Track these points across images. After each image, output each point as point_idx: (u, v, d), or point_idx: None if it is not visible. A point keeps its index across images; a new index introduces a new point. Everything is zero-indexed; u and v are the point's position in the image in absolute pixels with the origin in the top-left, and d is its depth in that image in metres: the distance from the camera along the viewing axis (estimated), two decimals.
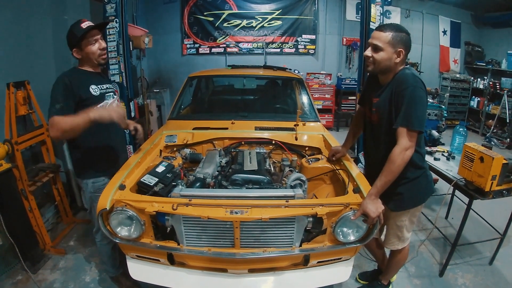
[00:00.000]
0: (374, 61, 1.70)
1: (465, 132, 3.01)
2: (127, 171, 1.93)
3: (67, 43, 1.94)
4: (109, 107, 1.96)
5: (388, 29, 1.66)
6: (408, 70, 1.72)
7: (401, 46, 1.66)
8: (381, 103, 1.78)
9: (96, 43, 1.96)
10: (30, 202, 2.64)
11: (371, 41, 1.70)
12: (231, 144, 2.62)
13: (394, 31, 1.65)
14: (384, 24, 1.70)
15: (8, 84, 2.58)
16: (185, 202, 1.63)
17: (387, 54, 1.66)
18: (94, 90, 1.99)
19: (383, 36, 1.65)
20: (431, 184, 1.97)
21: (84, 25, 1.88)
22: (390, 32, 1.64)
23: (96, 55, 1.97)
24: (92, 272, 2.61)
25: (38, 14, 3.28)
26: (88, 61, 2.00)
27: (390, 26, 1.68)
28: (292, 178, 2.04)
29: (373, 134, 1.94)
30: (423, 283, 2.53)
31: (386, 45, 1.65)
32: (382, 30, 1.67)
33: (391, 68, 1.72)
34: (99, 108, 1.84)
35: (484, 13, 7.51)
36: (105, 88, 2.10)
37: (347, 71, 7.47)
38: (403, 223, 1.98)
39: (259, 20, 7.03)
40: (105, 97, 2.08)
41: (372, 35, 1.71)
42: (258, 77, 3.99)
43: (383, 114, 1.77)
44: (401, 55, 1.67)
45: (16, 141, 2.51)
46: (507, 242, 2.87)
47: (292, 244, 1.72)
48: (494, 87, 6.89)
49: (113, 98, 2.17)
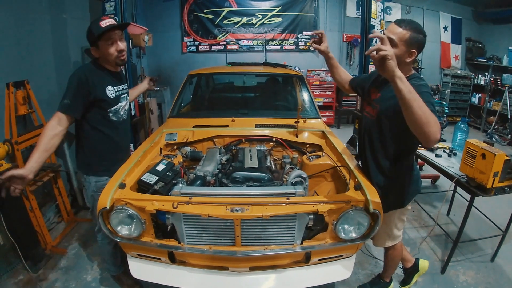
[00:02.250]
0: None
1: (467, 129, 2.99)
2: (127, 169, 1.92)
3: (87, 39, 1.90)
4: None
5: (407, 27, 1.57)
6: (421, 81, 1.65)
7: (415, 47, 1.59)
8: (384, 100, 1.74)
9: (114, 44, 1.91)
10: (31, 202, 2.63)
11: (387, 34, 1.59)
12: (232, 141, 2.61)
13: (413, 31, 1.57)
14: (405, 20, 1.60)
15: (7, 84, 2.57)
16: (186, 200, 1.62)
17: (400, 52, 1.58)
18: (110, 92, 1.98)
19: (401, 32, 1.57)
20: (417, 183, 1.93)
21: (103, 24, 1.83)
22: (409, 31, 1.56)
23: (113, 56, 1.93)
24: (93, 271, 2.61)
25: (37, 13, 3.26)
26: (106, 61, 1.98)
27: (410, 23, 1.59)
28: (293, 175, 2.04)
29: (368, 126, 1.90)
30: (425, 280, 2.53)
31: (401, 43, 1.57)
32: (401, 26, 1.58)
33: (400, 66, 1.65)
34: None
35: (485, 9, 7.47)
36: (120, 90, 2.09)
37: (348, 68, 7.42)
38: (391, 223, 1.98)
39: (259, 17, 7.00)
40: (120, 99, 2.08)
41: (389, 28, 1.61)
42: (259, 74, 3.98)
43: (385, 111, 1.72)
44: (413, 56, 1.62)
45: (16, 141, 2.50)
46: (509, 239, 2.86)
47: (293, 241, 1.71)
48: (495, 83, 6.85)
49: (126, 100, 2.18)
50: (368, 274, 2.59)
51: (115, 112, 2.04)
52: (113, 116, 2.03)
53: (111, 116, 2.02)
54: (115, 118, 2.05)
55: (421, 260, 2.44)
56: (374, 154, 1.86)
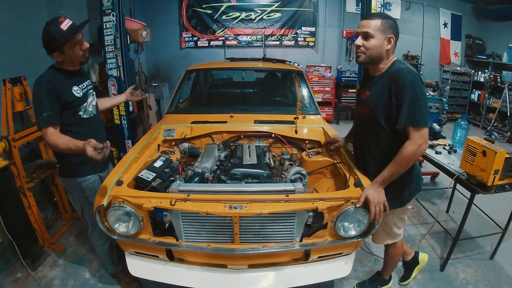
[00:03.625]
0: (365, 49, 1.67)
1: (467, 126, 2.98)
2: (124, 166, 1.90)
3: (44, 45, 1.78)
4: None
5: (375, 17, 1.65)
6: (403, 64, 1.68)
7: (391, 32, 1.64)
8: (373, 98, 1.73)
9: (79, 44, 1.84)
10: (29, 199, 2.62)
11: (360, 30, 1.67)
12: (230, 137, 2.59)
13: (382, 18, 1.64)
14: (370, 13, 1.69)
15: (4, 80, 2.54)
16: (183, 198, 1.61)
17: (378, 41, 1.63)
18: (77, 92, 1.93)
19: (372, 23, 1.63)
20: (417, 182, 1.90)
21: (64, 26, 1.74)
22: (378, 19, 1.63)
23: (79, 56, 1.88)
24: (91, 269, 2.60)
25: (33, 9, 3.23)
26: (69, 62, 1.90)
27: (377, 14, 1.67)
28: (292, 172, 2.02)
29: (361, 128, 1.91)
30: (424, 278, 2.52)
31: (377, 32, 1.63)
32: (370, 18, 1.65)
33: (383, 56, 1.68)
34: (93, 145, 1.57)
35: (485, 6, 7.43)
36: (85, 87, 2.03)
37: (347, 64, 7.42)
38: (390, 221, 1.96)
39: (258, 13, 6.95)
40: (87, 96, 2.04)
41: (361, 24, 1.68)
42: (257, 70, 3.96)
43: (376, 109, 1.71)
44: (392, 41, 1.66)
45: (13, 138, 2.48)
46: (508, 236, 2.86)
47: (293, 239, 1.70)
48: (495, 81, 6.83)
49: (93, 95, 2.11)
50: (368, 271, 2.59)
51: (85, 110, 2.00)
52: (84, 114, 1.99)
53: (82, 115, 1.98)
54: (86, 115, 2.01)
55: (421, 253, 2.45)
56: (370, 154, 1.84)
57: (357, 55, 1.72)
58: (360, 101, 1.87)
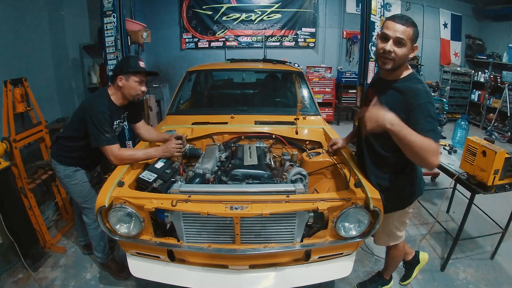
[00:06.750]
0: (396, 56, 1.53)
1: (467, 126, 2.98)
2: (126, 167, 1.91)
3: (117, 67, 2.08)
4: (168, 148, 2.12)
5: (409, 24, 1.51)
6: (419, 83, 1.59)
7: (415, 42, 1.55)
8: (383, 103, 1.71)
9: (141, 84, 2.09)
10: (30, 200, 2.62)
11: (393, 35, 1.50)
12: (231, 138, 2.60)
13: (414, 26, 1.52)
14: (401, 16, 1.55)
15: (5, 81, 2.55)
16: (185, 198, 1.61)
17: (408, 50, 1.53)
18: (115, 126, 2.14)
19: (406, 30, 1.49)
20: (419, 185, 1.87)
21: (142, 64, 2.07)
22: (412, 27, 1.51)
23: (136, 93, 2.10)
24: (92, 269, 2.60)
25: (34, 10, 3.24)
26: (123, 94, 2.09)
27: (409, 20, 1.53)
28: (293, 172, 2.03)
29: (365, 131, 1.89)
30: (425, 278, 2.52)
31: (409, 41, 1.51)
32: (404, 24, 1.50)
33: (404, 65, 1.62)
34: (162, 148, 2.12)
35: (485, 6, 7.43)
36: (123, 121, 2.27)
37: (347, 65, 7.42)
38: (392, 224, 1.95)
39: (258, 14, 6.96)
40: (116, 131, 2.18)
41: (394, 28, 1.51)
42: (258, 70, 3.96)
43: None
44: (415, 51, 1.58)
45: (14, 139, 2.48)
46: (509, 236, 2.86)
47: (293, 239, 1.71)
48: (495, 81, 6.84)
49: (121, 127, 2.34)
50: (368, 272, 2.59)
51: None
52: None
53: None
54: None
55: (421, 252, 2.45)
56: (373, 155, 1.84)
57: (384, 61, 1.57)
58: (367, 101, 1.85)
